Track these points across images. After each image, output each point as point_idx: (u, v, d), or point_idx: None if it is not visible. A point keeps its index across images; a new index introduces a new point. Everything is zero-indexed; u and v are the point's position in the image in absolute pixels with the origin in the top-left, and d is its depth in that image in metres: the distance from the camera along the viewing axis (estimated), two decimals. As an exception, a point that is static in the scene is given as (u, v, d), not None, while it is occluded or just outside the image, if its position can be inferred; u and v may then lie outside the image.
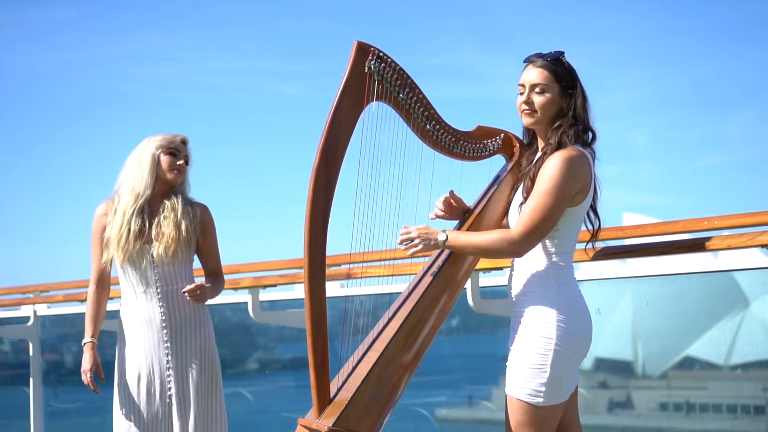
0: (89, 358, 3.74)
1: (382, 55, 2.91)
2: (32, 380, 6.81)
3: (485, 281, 4.21)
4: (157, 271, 3.71)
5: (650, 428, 4.91)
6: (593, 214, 2.98)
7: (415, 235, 2.92)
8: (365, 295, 3.34)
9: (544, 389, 2.83)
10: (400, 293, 3.17)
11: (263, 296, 5.29)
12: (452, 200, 3.16)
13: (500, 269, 4.04)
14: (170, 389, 3.69)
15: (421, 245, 2.92)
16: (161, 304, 3.72)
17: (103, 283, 3.80)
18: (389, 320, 3.05)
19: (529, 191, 2.89)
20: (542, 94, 2.88)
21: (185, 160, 3.79)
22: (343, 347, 3.03)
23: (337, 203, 2.88)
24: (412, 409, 5.52)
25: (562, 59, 2.89)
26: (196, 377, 3.72)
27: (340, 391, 2.93)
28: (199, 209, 3.81)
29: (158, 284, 3.72)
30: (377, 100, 2.92)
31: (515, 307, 2.96)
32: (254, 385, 6.70)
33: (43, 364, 6.97)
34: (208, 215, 3.84)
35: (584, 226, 3.01)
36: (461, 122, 3.12)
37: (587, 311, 2.93)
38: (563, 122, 2.87)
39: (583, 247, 3.18)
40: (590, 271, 4.49)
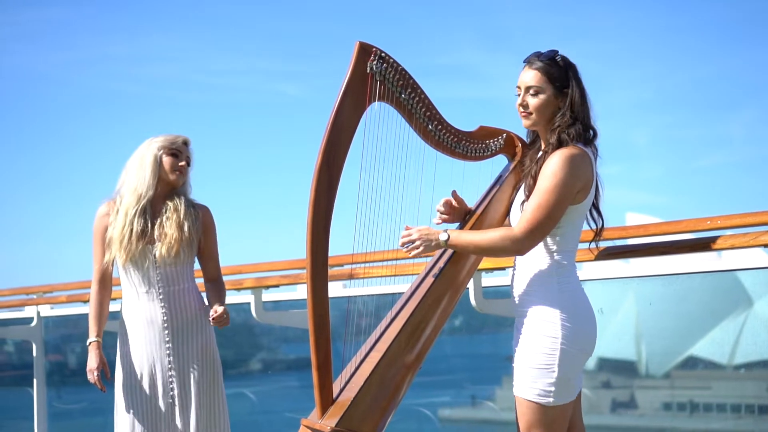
0: (95, 356, 3.74)
1: (383, 55, 2.91)
2: (36, 381, 6.81)
3: (488, 281, 4.20)
4: (159, 271, 3.72)
5: (654, 428, 4.90)
6: (596, 212, 2.98)
7: (416, 236, 2.92)
8: (368, 295, 3.34)
9: (553, 389, 2.83)
10: (402, 293, 3.17)
11: (266, 297, 5.29)
12: (454, 201, 3.16)
13: (503, 269, 4.03)
14: (172, 389, 3.69)
15: (422, 246, 2.92)
16: (163, 304, 3.72)
17: (105, 283, 3.80)
18: (392, 320, 3.05)
19: (531, 190, 2.89)
20: (536, 96, 2.89)
21: (187, 161, 3.80)
22: (345, 347, 3.02)
23: (339, 204, 2.88)
24: (415, 409, 5.52)
25: (556, 59, 2.89)
26: (197, 378, 3.72)
27: (342, 391, 2.93)
28: (201, 210, 3.82)
29: (160, 284, 3.72)
30: (379, 100, 2.92)
31: (518, 306, 2.96)
32: (258, 385, 6.69)
33: (46, 365, 6.97)
34: (209, 216, 3.85)
35: (587, 225, 3.01)
36: (464, 122, 3.12)
37: (591, 309, 2.92)
38: (561, 122, 2.88)
39: (586, 246, 3.17)
40: (593, 270, 4.48)
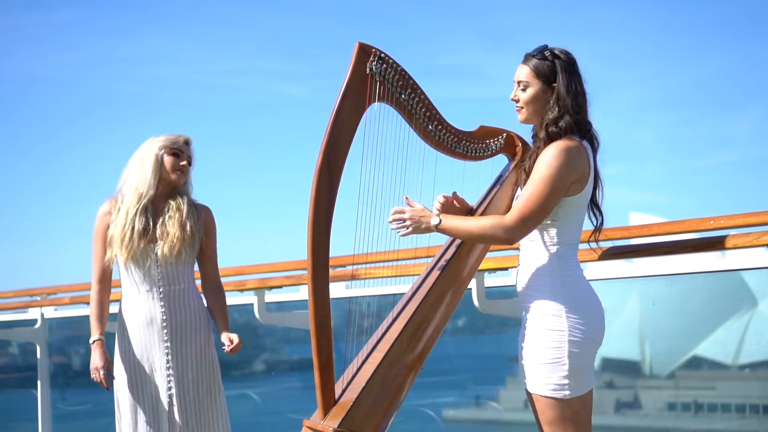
0: (99, 355, 3.73)
1: (383, 56, 2.91)
2: (40, 383, 6.82)
3: (490, 281, 4.19)
4: (160, 270, 3.72)
5: (658, 428, 4.89)
6: (595, 209, 2.97)
7: (407, 215, 2.92)
8: (370, 296, 3.34)
9: (567, 381, 2.81)
10: (404, 294, 3.17)
11: (269, 298, 5.29)
12: (455, 201, 3.16)
13: (505, 269, 4.03)
14: (171, 389, 3.69)
15: (411, 228, 2.91)
16: (163, 303, 3.72)
17: (106, 282, 3.80)
18: (393, 321, 3.05)
19: (525, 184, 2.89)
20: (525, 90, 2.92)
21: (188, 160, 3.80)
22: (347, 348, 3.02)
23: (340, 204, 2.88)
24: (418, 409, 5.51)
25: (544, 53, 2.90)
26: (195, 377, 3.72)
27: (344, 392, 2.93)
28: (203, 211, 3.83)
29: (161, 283, 3.72)
30: (379, 101, 2.92)
31: (522, 302, 2.95)
32: (261, 386, 6.69)
33: (50, 366, 6.98)
34: (211, 217, 3.86)
35: (588, 222, 3.01)
36: (465, 122, 3.12)
37: (596, 299, 2.90)
38: (549, 116, 2.88)
39: (588, 245, 3.16)
40: (597, 271, 4.47)
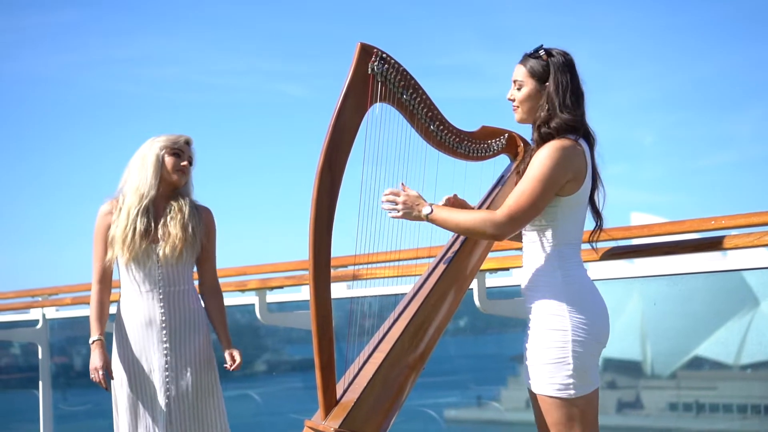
0: (99, 355, 3.73)
1: (385, 56, 2.91)
2: (41, 383, 6.82)
3: (491, 282, 4.19)
4: (161, 271, 3.72)
5: (660, 429, 4.88)
6: (593, 211, 2.97)
7: (401, 200, 2.91)
8: (371, 296, 3.34)
9: (572, 381, 2.79)
10: (405, 294, 3.17)
11: (270, 298, 5.28)
12: (449, 203, 3.14)
13: (506, 269, 4.03)
14: (169, 390, 3.69)
15: (402, 212, 2.91)
16: (162, 304, 3.72)
17: (106, 282, 3.80)
18: (395, 321, 3.05)
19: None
20: (520, 90, 2.92)
21: (189, 160, 3.81)
22: (349, 348, 3.02)
23: (341, 204, 2.88)
24: (420, 410, 5.51)
25: (539, 53, 2.90)
26: (194, 378, 3.71)
27: (346, 392, 2.93)
28: (203, 212, 3.84)
29: (161, 284, 3.73)
30: (381, 101, 2.92)
31: (526, 303, 2.94)
32: (262, 386, 6.69)
33: (52, 367, 6.99)
34: (211, 218, 3.87)
35: (592, 223, 3.00)
36: (466, 122, 3.12)
37: (599, 298, 2.88)
38: (541, 116, 2.87)
39: (589, 246, 3.16)
40: (598, 271, 4.47)
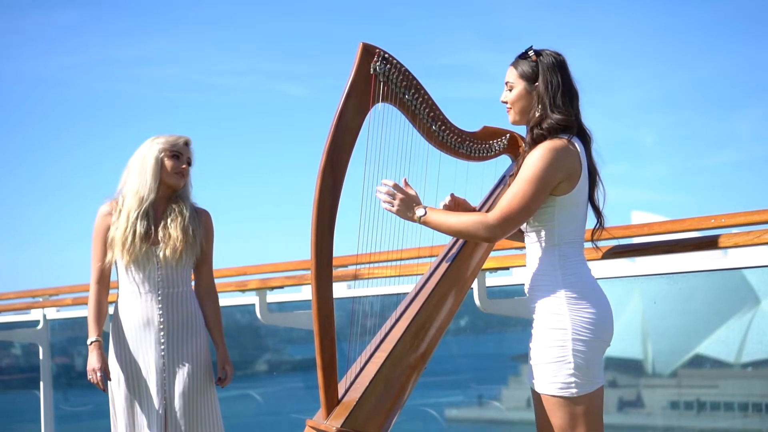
0: (97, 357, 3.73)
1: (387, 56, 2.91)
2: (42, 384, 6.82)
3: (491, 281, 4.19)
4: (161, 272, 3.73)
5: (661, 427, 4.88)
6: (594, 209, 2.97)
7: (398, 198, 2.92)
8: (373, 295, 3.34)
9: (574, 380, 2.79)
10: (407, 294, 3.17)
11: (271, 298, 5.28)
12: (453, 202, 3.14)
13: (506, 269, 4.03)
14: (166, 391, 3.70)
15: (396, 208, 2.91)
16: (160, 306, 3.73)
17: (104, 282, 3.80)
18: (396, 321, 3.05)
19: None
20: (511, 91, 2.94)
21: (188, 162, 3.81)
22: (350, 348, 3.02)
23: (343, 204, 2.88)
24: (421, 409, 5.52)
25: (529, 54, 2.91)
26: (191, 380, 3.72)
27: (348, 392, 2.93)
28: (203, 215, 3.85)
29: (160, 286, 3.73)
30: (383, 101, 2.92)
31: (529, 302, 2.95)
32: (263, 386, 6.69)
33: (53, 367, 6.99)
34: (210, 221, 3.89)
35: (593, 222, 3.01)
36: (467, 121, 3.12)
37: (601, 296, 2.88)
38: (533, 118, 2.88)
39: (589, 245, 3.17)
40: (598, 270, 4.47)
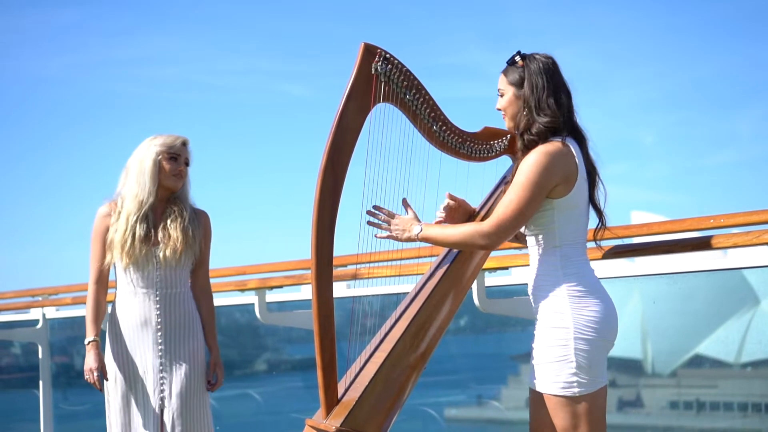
0: (94, 356, 3.73)
1: (388, 56, 2.91)
2: (42, 383, 6.82)
3: (491, 281, 4.19)
4: (159, 273, 3.73)
5: (660, 427, 4.89)
6: (594, 209, 2.97)
7: (392, 223, 2.94)
8: (372, 295, 3.35)
9: (576, 379, 2.80)
10: (407, 293, 3.17)
11: (270, 297, 5.28)
12: (451, 202, 3.14)
13: (506, 269, 4.03)
14: (162, 391, 3.70)
15: (392, 235, 2.95)
16: (158, 306, 3.73)
17: (103, 282, 3.80)
18: (396, 320, 3.05)
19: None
20: (502, 97, 2.96)
21: (186, 162, 3.81)
22: (350, 348, 3.03)
23: (343, 204, 2.89)
24: (420, 409, 5.52)
25: (515, 59, 2.92)
26: (188, 381, 3.72)
27: (347, 391, 2.93)
28: (201, 216, 3.86)
29: (159, 286, 3.73)
30: (384, 101, 2.93)
31: (533, 304, 2.96)
32: (263, 386, 6.69)
33: (52, 366, 6.98)
34: (209, 222, 3.90)
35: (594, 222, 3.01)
36: (468, 121, 3.12)
37: (604, 296, 2.88)
38: (522, 122, 2.90)
39: (591, 245, 3.17)
40: (598, 270, 4.47)
